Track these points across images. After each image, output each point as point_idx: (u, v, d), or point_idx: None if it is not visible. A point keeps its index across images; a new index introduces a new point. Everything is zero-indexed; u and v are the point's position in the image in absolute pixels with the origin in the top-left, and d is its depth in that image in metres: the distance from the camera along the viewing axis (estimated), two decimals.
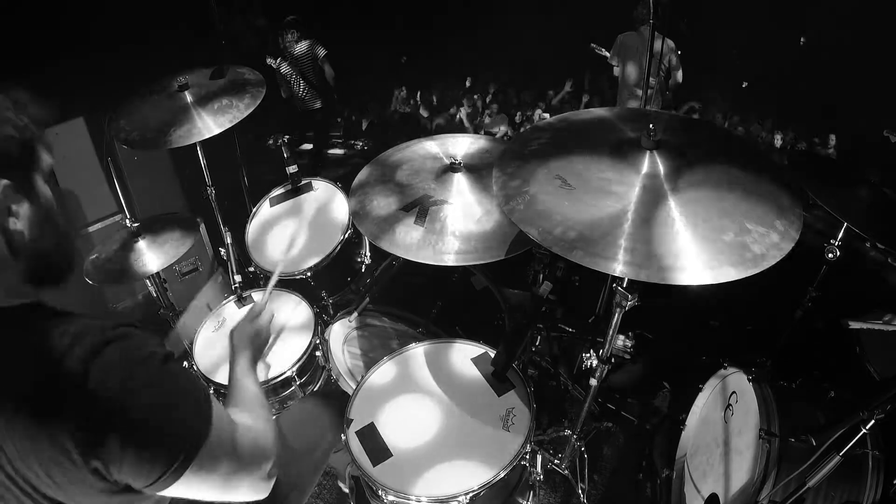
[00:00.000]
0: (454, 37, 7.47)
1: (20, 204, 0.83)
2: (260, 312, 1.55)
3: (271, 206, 2.54)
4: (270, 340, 1.61)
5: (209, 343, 2.18)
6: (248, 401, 1.21)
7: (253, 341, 1.45)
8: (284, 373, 2.03)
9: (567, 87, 6.99)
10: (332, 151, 6.12)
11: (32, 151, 0.85)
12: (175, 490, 0.86)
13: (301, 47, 5.10)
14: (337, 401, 1.80)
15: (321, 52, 5.10)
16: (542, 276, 2.53)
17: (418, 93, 7.15)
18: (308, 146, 5.84)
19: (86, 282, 2.22)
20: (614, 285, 1.51)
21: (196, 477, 0.86)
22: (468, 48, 7.54)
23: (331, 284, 2.45)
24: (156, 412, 0.82)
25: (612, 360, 1.73)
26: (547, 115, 6.73)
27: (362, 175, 2.02)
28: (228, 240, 2.51)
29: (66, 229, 0.93)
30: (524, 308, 2.22)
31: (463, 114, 6.67)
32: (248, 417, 1.12)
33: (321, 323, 2.22)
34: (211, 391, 2.08)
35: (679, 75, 4.65)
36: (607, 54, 4.91)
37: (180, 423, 0.85)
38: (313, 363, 2.19)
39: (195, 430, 0.87)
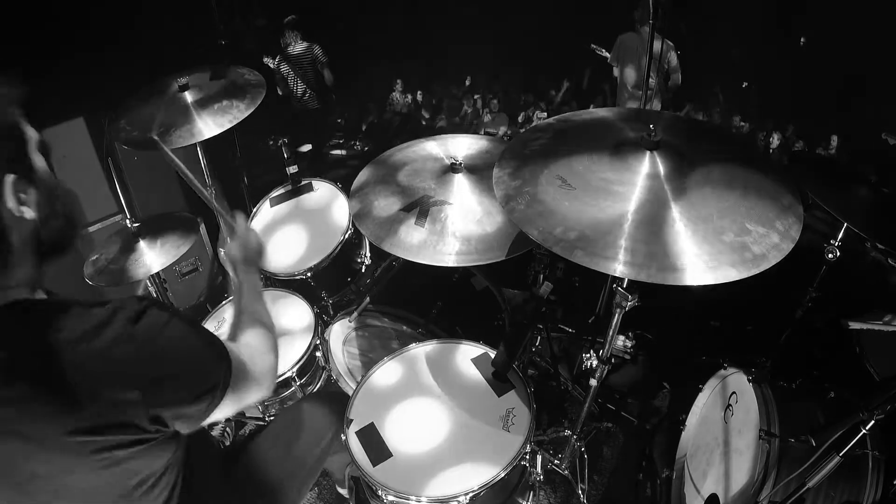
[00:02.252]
0: (454, 36, 7.47)
1: (28, 192, 0.85)
2: (240, 230, 1.47)
3: (271, 206, 2.54)
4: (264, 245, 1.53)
5: None
6: (253, 323, 1.28)
7: (246, 255, 1.41)
8: (284, 373, 2.03)
9: (564, 86, 7.00)
10: (332, 152, 6.12)
11: (19, 132, 0.87)
12: (214, 415, 0.99)
13: (300, 49, 5.11)
14: (336, 400, 1.80)
15: (321, 57, 5.12)
16: (542, 276, 2.53)
17: (418, 92, 7.15)
18: (308, 146, 5.84)
19: (86, 283, 2.23)
20: (614, 286, 1.51)
21: (227, 399, 0.99)
22: (468, 47, 7.55)
23: (331, 284, 2.45)
24: (196, 355, 0.96)
25: (612, 360, 1.73)
26: (545, 115, 6.73)
27: (362, 175, 2.02)
28: (228, 240, 2.51)
29: (64, 194, 0.95)
30: (524, 308, 2.22)
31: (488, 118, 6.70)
32: (253, 338, 1.23)
33: (321, 323, 2.22)
34: None
35: (678, 77, 4.65)
36: (608, 55, 4.91)
37: (214, 360, 0.99)
38: (313, 363, 2.19)
39: (224, 362, 1.01)
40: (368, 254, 2.44)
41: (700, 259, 1.17)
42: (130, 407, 0.84)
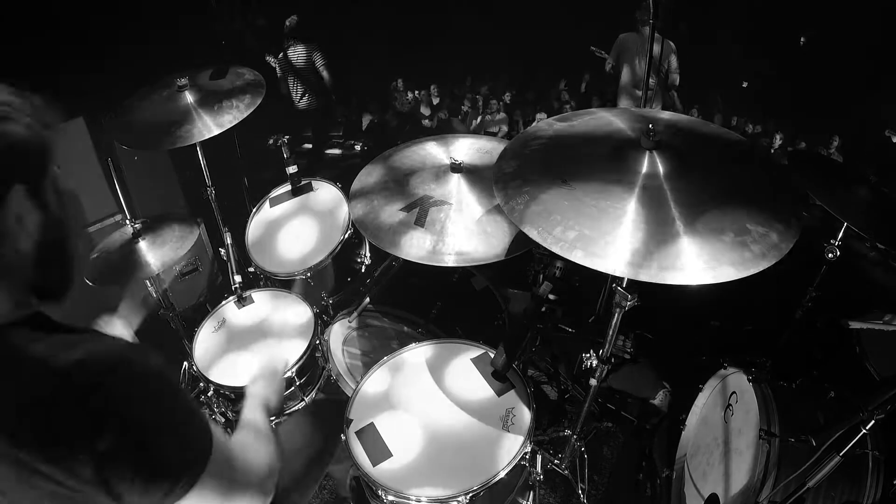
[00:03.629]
0: (455, 36, 7.48)
1: (30, 211, 0.82)
2: (277, 373, 1.50)
3: (271, 206, 2.54)
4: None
5: (208, 343, 2.18)
6: (251, 426, 1.23)
7: (267, 396, 1.41)
8: (284, 373, 2.03)
9: (561, 85, 7.05)
10: (331, 151, 6.12)
11: (45, 157, 0.84)
12: None
13: (300, 49, 5.11)
14: (338, 407, 1.80)
15: (320, 60, 5.13)
16: (542, 276, 2.53)
17: (417, 91, 7.16)
18: (307, 146, 5.84)
19: (85, 283, 2.22)
20: (614, 285, 1.51)
21: (197, 495, 0.87)
22: (469, 47, 7.55)
23: (331, 284, 2.45)
24: (166, 430, 0.83)
25: (612, 360, 1.73)
26: (545, 115, 6.74)
27: (362, 175, 2.02)
28: (228, 240, 2.52)
29: (69, 242, 0.91)
30: (524, 308, 2.22)
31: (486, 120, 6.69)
32: (249, 437, 1.14)
33: (321, 323, 2.22)
34: (211, 391, 2.09)
35: (676, 78, 4.64)
36: (607, 56, 4.91)
37: (188, 443, 0.87)
38: (313, 363, 2.19)
39: (200, 451, 0.88)
40: (368, 254, 2.43)
41: (700, 259, 1.17)
42: (75, 464, 0.75)
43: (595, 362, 1.74)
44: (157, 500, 0.83)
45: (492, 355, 1.80)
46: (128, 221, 2.25)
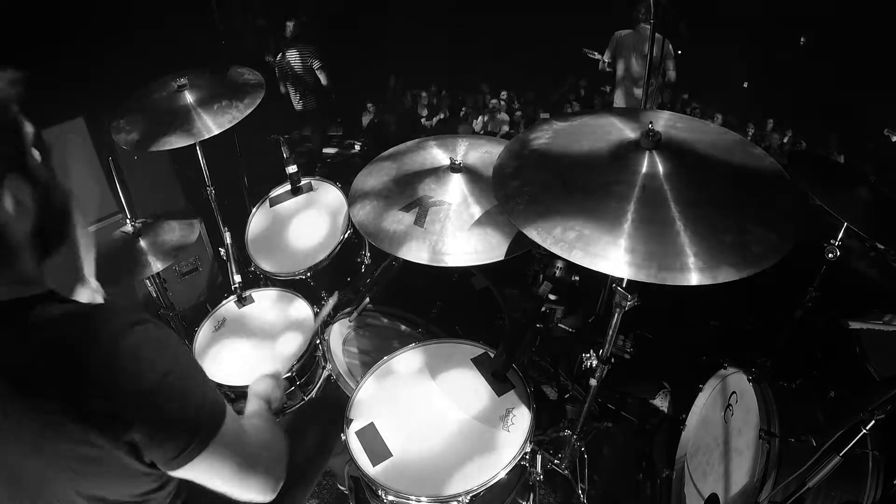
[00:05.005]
0: (454, 35, 7.48)
1: (25, 189, 0.85)
2: (280, 378, 1.57)
3: (271, 206, 2.54)
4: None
5: (208, 344, 2.18)
6: (258, 414, 1.28)
7: (269, 394, 1.47)
8: (285, 374, 2.03)
9: (570, 82, 7.04)
10: (330, 151, 6.12)
11: (19, 131, 0.85)
12: (188, 472, 0.90)
13: (298, 50, 5.12)
14: (336, 403, 1.80)
15: (317, 62, 5.14)
16: (541, 276, 2.52)
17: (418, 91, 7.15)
18: (307, 146, 5.84)
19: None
20: (614, 285, 1.51)
21: (209, 461, 0.90)
22: (468, 46, 7.55)
23: (331, 284, 2.45)
24: (181, 389, 0.87)
25: (612, 360, 1.73)
26: (546, 115, 6.73)
27: (362, 175, 2.01)
28: (228, 240, 2.52)
29: (61, 191, 0.94)
30: (524, 308, 2.22)
31: (479, 123, 6.69)
32: (259, 422, 1.19)
33: (321, 323, 2.22)
34: None
35: (673, 75, 4.64)
36: (600, 57, 4.89)
37: (202, 403, 0.90)
38: (313, 363, 2.19)
39: (215, 412, 0.92)
40: (368, 254, 2.43)
41: (700, 259, 1.17)
42: (100, 420, 0.80)
43: (595, 362, 1.74)
44: (172, 457, 0.87)
45: (492, 355, 1.80)
46: (128, 221, 2.25)
